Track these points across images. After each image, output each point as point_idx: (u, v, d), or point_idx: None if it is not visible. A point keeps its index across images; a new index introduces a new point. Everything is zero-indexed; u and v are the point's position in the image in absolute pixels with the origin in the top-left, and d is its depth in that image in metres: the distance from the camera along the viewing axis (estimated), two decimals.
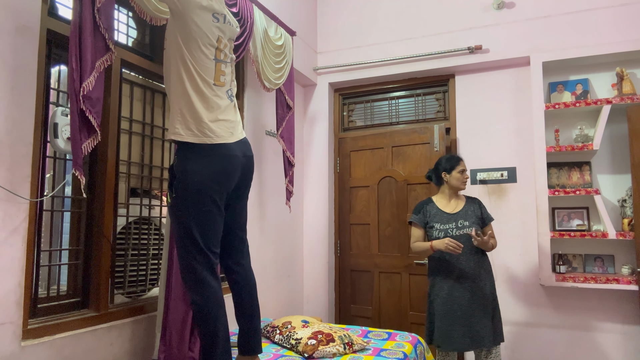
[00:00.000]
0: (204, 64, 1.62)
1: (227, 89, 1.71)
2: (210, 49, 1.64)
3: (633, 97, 2.88)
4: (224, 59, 1.69)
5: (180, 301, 1.99)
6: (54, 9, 1.81)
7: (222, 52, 1.68)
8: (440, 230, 2.50)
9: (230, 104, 1.71)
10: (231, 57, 1.75)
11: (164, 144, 2.42)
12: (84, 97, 1.56)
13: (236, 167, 1.67)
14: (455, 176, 2.55)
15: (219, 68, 1.66)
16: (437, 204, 2.59)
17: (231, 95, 1.73)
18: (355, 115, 3.99)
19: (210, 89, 1.63)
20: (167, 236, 2.05)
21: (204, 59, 1.62)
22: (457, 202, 2.58)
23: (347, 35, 3.82)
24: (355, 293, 3.67)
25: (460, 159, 2.59)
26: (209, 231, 1.62)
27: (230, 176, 1.65)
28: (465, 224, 2.49)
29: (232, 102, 1.72)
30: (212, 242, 1.64)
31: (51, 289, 1.86)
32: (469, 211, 2.53)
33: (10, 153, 1.55)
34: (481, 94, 3.44)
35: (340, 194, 3.83)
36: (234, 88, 1.79)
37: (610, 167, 3.08)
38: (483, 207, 2.60)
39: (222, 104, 1.67)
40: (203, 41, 1.62)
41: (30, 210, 1.61)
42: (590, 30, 3.07)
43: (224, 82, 1.68)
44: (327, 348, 2.18)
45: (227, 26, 1.71)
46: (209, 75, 1.63)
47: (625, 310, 2.95)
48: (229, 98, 1.71)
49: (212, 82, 1.64)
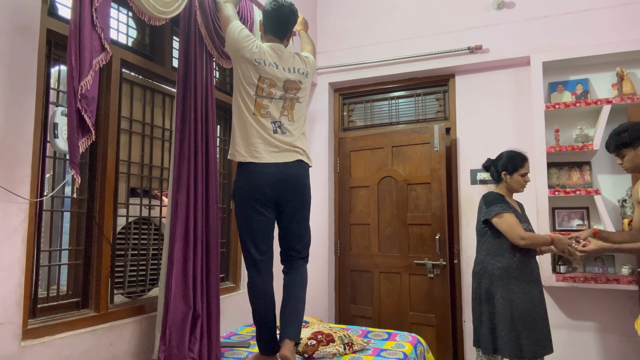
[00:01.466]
0: (245, 99, 2.01)
1: (273, 121, 2.03)
2: (250, 87, 2.00)
3: (633, 97, 2.88)
4: (269, 95, 2.02)
5: (180, 301, 1.99)
6: (54, 8, 1.81)
7: (265, 91, 2.01)
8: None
9: (277, 135, 2.02)
10: (286, 97, 2.06)
11: (164, 144, 2.42)
12: (81, 95, 1.56)
13: (268, 182, 1.96)
14: (516, 179, 2.36)
15: (260, 103, 2.01)
16: (509, 202, 2.39)
17: (279, 127, 2.03)
18: (355, 115, 3.99)
19: (251, 118, 1.99)
20: (167, 236, 2.05)
21: (245, 95, 2.00)
22: (514, 203, 2.46)
23: (347, 35, 3.82)
24: (355, 293, 3.67)
25: (525, 158, 2.38)
26: (251, 232, 1.99)
27: (260, 189, 1.95)
28: (529, 227, 2.37)
29: (283, 134, 2.04)
30: (255, 242, 1.99)
31: (51, 289, 1.86)
32: (525, 214, 2.47)
33: (10, 153, 1.55)
34: (481, 94, 3.44)
35: (340, 194, 3.83)
36: (290, 122, 2.07)
37: (610, 167, 3.08)
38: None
39: (264, 132, 1.99)
40: (246, 80, 2.00)
41: (30, 210, 1.61)
42: (590, 30, 3.07)
43: (266, 115, 2.01)
44: (327, 348, 2.18)
45: (275, 70, 2.03)
46: (249, 107, 2.00)
47: (625, 310, 2.95)
48: (274, 130, 2.02)
49: (252, 113, 2.00)
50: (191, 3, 2.16)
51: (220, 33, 2.30)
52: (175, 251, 1.99)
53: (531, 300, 2.23)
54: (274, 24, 2.09)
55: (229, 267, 2.87)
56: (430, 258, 3.36)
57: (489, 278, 2.30)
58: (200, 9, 2.19)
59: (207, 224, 2.16)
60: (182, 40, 2.15)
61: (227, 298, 2.69)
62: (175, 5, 2.02)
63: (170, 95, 2.45)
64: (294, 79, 2.08)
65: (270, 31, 2.11)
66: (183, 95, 2.11)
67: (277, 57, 2.05)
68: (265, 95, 2.01)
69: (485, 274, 2.32)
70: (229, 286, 2.80)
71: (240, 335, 2.57)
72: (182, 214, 2.03)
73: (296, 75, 2.09)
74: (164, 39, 2.39)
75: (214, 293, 2.14)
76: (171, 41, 2.44)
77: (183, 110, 2.10)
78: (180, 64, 2.13)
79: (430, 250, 3.37)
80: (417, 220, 3.45)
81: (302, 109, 2.14)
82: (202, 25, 2.20)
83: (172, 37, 2.45)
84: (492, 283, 2.28)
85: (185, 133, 2.09)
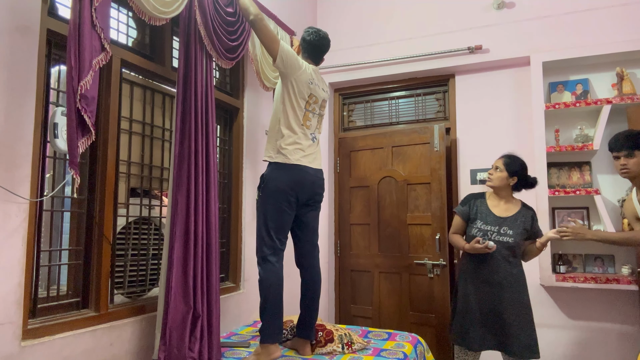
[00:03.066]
0: (296, 110, 2.26)
1: (311, 132, 2.31)
2: (302, 101, 2.26)
3: (633, 97, 2.88)
4: (313, 110, 2.32)
5: (181, 301, 1.99)
6: (54, 8, 1.81)
7: (311, 106, 2.31)
8: (480, 230, 2.41)
9: (312, 144, 2.31)
10: (320, 112, 2.38)
11: (164, 144, 2.42)
12: (81, 95, 1.56)
13: (305, 180, 2.21)
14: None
15: (307, 116, 2.29)
16: (488, 202, 2.47)
17: (314, 137, 2.33)
18: (355, 115, 3.99)
19: (299, 128, 2.26)
20: (167, 236, 2.05)
21: (296, 107, 2.25)
22: (508, 206, 2.44)
23: (347, 35, 3.82)
24: (356, 293, 3.67)
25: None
26: (279, 222, 2.16)
27: (298, 187, 2.19)
28: (509, 232, 2.36)
29: (314, 142, 2.33)
30: (280, 232, 2.17)
31: (51, 289, 1.86)
32: (519, 220, 2.39)
33: (10, 153, 1.55)
34: (481, 94, 3.44)
35: (340, 194, 3.83)
36: (318, 134, 2.38)
37: (610, 167, 3.07)
38: (536, 220, 2.43)
39: (306, 140, 2.27)
40: (299, 95, 2.26)
41: (30, 211, 1.61)
42: (590, 30, 3.07)
43: (309, 126, 2.30)
44: (325, 349, 2.18)
45: (318, 89, 2.33)
46: (298, 118, 2.26)
47: (625, 310, 2.95)
48: (312, 139, 2.31)
49: (301, 123, 2.26)
50: (191, 3, 2.16)
51: (220, 33, 2.31)
52: (175, 251, 1.99)
53: (466, 295, 2.42)
54: (316, 52, 2.40)
55: (229, 267, 2.87)
56: (430, 258, 3.36)
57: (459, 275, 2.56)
58: (200, 9, 2.19)
59: (207, 224, 2.16)
60: (182, 40, 2.15)
61: (227, 298, 2.69)
62: (175, 5, 2.02)
63: (170, 95, 2.45)
64: (324, 98, 2.40)
65: (312, 57, 2.40)
66: (183, 95, 2.11)
67: (318, 79, 2.37)
68: (311, 110, 2.31)
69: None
70: (229, 286, 2.80)
71: (240, 335, 2.57)
72: (182, 214, 2.03)
73: (325, 94, 2.42)
74: (164, 39, 2.39)
75: (214, 293, 2.14)
76: (171, 41, 2.44)
77: (183, 110, 2.11)
78: (180, 64, 2.13)
79: (430, 250, 3.37)
80: (417, 220, 3.45)
81: (323, 123, 2.52)
82: (202, 25, 2.20)
83: (172, 37, 2.45)
84: (459, 280, 2.53)
85: (185, 133, 2.09)
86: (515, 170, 2.42)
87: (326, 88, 2.46)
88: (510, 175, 2.42)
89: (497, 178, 2.43)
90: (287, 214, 2.19)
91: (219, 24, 2.30)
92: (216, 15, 2.29)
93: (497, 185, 2.44)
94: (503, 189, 2.45)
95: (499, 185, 2.43)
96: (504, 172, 2.42)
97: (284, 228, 2.20)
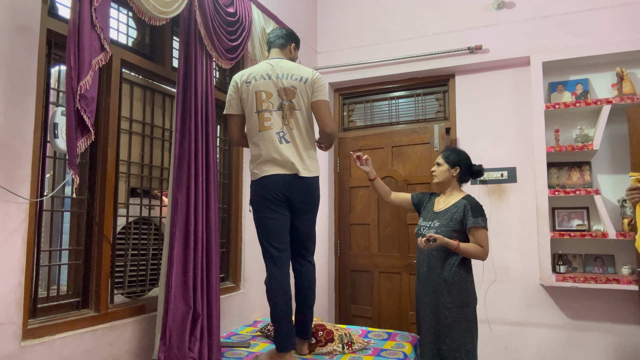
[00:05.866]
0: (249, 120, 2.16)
1: (277, 131, 2.11)
2: (250, 107, 2.14)
3: (633, 97, 2.88)
4: (267, 108, 2.12)
5: (180, 301, 1.99)
6: (54, 8, 1.81)
7: (264, 104, 2.12)
8: (418, 225, 2.41)
9: (282, 145, 2.11)
10: (281, 105, 2.13)
11: (164, 144, 2.42)
12: (80, 95, 1.56)
13: (277, 184, 2.09)
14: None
15: (262, 116, 2.12)
16: (436, 199, 2.46)
17: (282, 137, 2.12)
18: (355, 115, 3.99)
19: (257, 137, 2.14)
20: (167, 236, 2.05)
21: (247, 117, 2.17)
22: (449, 200, 2.36)
23: (347, 35, 3.83)
24: (355, 293, 3.67)
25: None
26: (267, 230, 2.11)
27: (272, 189, 2.09)
28: (435, 224, 2.28)
29: (284, 143, 2.12)
30: (272, 239, 2.10)
31: (51, 289, 1.86)
32: (450, 212, 2.28)
33: (10, 153, 1.55)
34: (481, 94, 3.44)
35: (340, 194, 3.83)
36: (291, 130, 2.14)
37: (610, 167, 3.08)
38: (469, 210, 2.23)
39: (269, 146, 2.12)
40: (245, 105, 2.17)
41: (30, 210, 1.61)
42: (590, 30, 3.07)
43: (270, 126, 2.11)
44: (325, 349, 2.18)
45: (267, 83, 2.13)
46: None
47: (625, 310, 2.95)
48: (280, 140, 2.11)
49: (257, 130, 2.13)
50: (191, 3, 2.16)
51: (220, 33, 2.31)
52: (175, 251, 1.99)
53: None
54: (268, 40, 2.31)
55: (229, 267, 2.87)
56: None
57: None
58: (200, 9, 2.19)
59: (207, 224, 2.16)
60: (182, 40, 2.15)
61: (227, 298, 2.69)
62: (175, 5, 2.02)
63: (170, 95, 2.45)
64: (286, 86, 2.13)
65: (269, 45, 2.30)
66: (183, 95, 2.11)
67: (277, 68, 2.15)
68: (265, 109, 2.12)
69: None
70: (229, 286, 2.80)
71: (240, 335, 2.57)
72: (182, 214, 2.03)
73: (291, 81, 2.13)
74: (164, 39, 2.39)
75: (214, 293, 2.14)
76: (171, 41, 2.44)
77: (183, 110, 2.10)
78: (180, 64, 2.13)
79: None
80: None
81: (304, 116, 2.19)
82: (202, 25, 2.20)
83: (172, 37, 2.45)
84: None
85: (185, 133, 2.09)
86: (456, 161, 2.38)
87: (298, 74, 2.14)
88: (451, 167, 2.38)
89: (439, 173, 2.40)
90: (272, 219, 2.10)
91: (219, 24, 2.30)
92: (216, 16, 2.29)
93: (442, 180, 2.40)
94: (448, 183, 2.40)
95: (443, 179, 2.39)
96: (444, 164, 2.39)
97: (275, 234, 2.10)
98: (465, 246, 2.18)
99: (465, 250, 2.18)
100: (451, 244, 2.15)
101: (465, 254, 2.21)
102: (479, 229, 2.21)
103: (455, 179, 2.39)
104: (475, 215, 2.22)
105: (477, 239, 2.21)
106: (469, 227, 2.21)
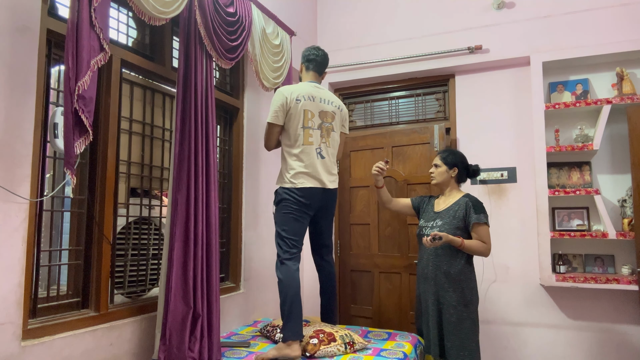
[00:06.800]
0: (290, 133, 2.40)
1: (316, 147, 2.39)
2: (295, 123, 2.37)
3: (633, 97, 2.88)
4: (312, 126, 2.39)
5: (181, 301, 1.99)
6: (54, 8, 1.81)
7: (309, 122, 2.39)
8: (420, 226, 2.45)
9: (318, 160, 2.39)
10: (322, 126, 2.43)
11: (164, 144, 2.42)
12: (78, 96, 1.55)
13: (313, 198, 2.35)
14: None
15: (307, 132, 2.38)
16: (435, 201, 2.51)
17: (319, 152, 2.40)
18: (355, 115, 3.99)
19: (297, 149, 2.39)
20: (167, 236, 2.05)
21: (290, 131, 2.39)
22: (449, 200, 2.41)
23: (347, 35, 3.82)
24: (355, 293, 3.67)
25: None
26: (294, 230, 2.32)
27: (305, 203, 2.33)
28: (438, 224, 2.31)
29: (320, 158, 2.40)
30: (296, 238, 2.31)
31: (51, 289, 1.86)
32: (452, 211, 2.32)
33: (10, 153, 1.55)
34: (481, 94, 3.44)
35: (340, 194, 3.82)
36: (327, 148, 2.45)
37: (610, 167, 3.08)
38: (471, 207, 2.27)
39: (307, 159, 2.37)
40: (293, 119, 2.38)
41: (30, 210, 1.61)
42: (590, 30, 3.07)
43: (312, 142, 2.38)
44: (329, 348, 2.18)
45: (311, 104, 2.40)
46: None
47: (625, 310, 2.95)
48: (317, 154, 2.39)
49: (301, 143, 2.38)
50: (191, 3, 2.16)
51: (220, 33, 2.31)
52: (175, 251, 1.99)
53: (417, 290, 2.48)
54: (317, 66, 2.56)
55: (229, 267, 2.87)
56: None
57: None
58: (200, 9, 2.19)
59: (207, 224, 2.16)
60: (182, 40, 2.15)
61: (227, 298, 2.69)
62: (175, 5, 2.02)
63: (170, 95, 2.45)
64: (326, 110, 2.44)
65: (315, 70, 2.55)
66: (183, 95, 2.11)
67: (316, 93, 2.43)
68: (310, 126, 2.39)
69: None
70: (229, 286, 2.80)
71: (240, 335, 2.57)
72: (182, 214, 2.03)
73: (330, 106, 2.46)
74: (164, 39, 2.39)
75: (214, 293, 2.14)
76: (171, 41, 2.44)
77: (183, 110, 2.10)
78: (180, 64, 2.13)
79: None
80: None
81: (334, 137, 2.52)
82: (202, 25, 2.20)
83: (172, 37, 2.45)
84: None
85: (185, 133, 2.09)
86: (454, 162, 2.44)
87: (336, 102, 2.52)
88: (449, 168, 2.43)
89: (438, 174, 2.45)
90: (299, 222, 2.33)
91: (219, 24, 2.30)
92: (216, 16, 2.29)
93: (441, 181, 2.45)
94: (447, 184, 2.44)
95: (442, 180, 2.44)
96: (442, 166, 2.44)
97: (299, 234, 2.33)
98: (469, 243, 2.22)
99: (469, 247, 2.22)
100: (455, 241, 2.19)
101: (469, 251, 2.24)
102: (481, 225, 2.25)
103: (454, 179, 2.44)
104: (477, 212, 2.26)
105: (480, 235, 2.24)
106: (471, 223, 2.25)
